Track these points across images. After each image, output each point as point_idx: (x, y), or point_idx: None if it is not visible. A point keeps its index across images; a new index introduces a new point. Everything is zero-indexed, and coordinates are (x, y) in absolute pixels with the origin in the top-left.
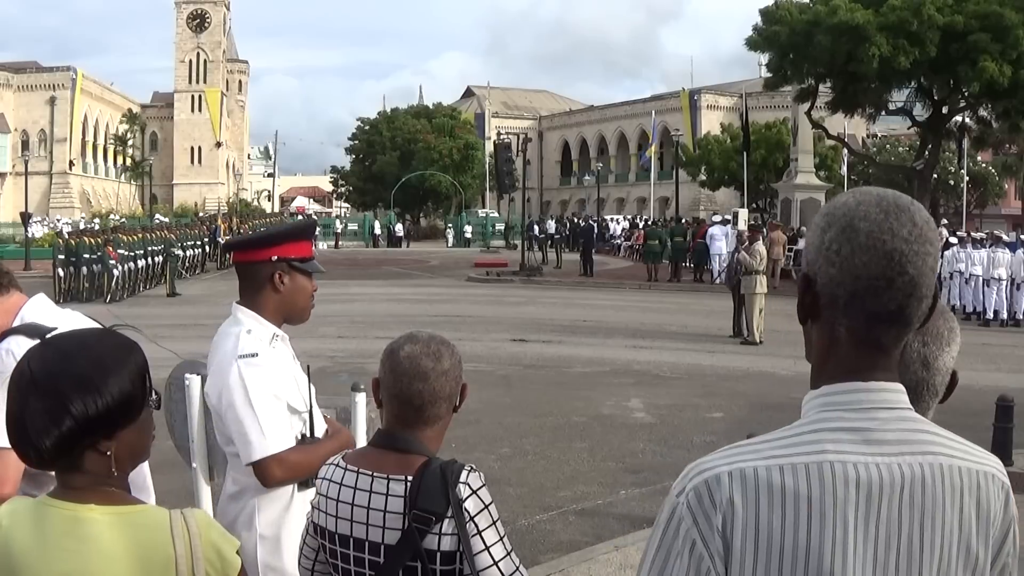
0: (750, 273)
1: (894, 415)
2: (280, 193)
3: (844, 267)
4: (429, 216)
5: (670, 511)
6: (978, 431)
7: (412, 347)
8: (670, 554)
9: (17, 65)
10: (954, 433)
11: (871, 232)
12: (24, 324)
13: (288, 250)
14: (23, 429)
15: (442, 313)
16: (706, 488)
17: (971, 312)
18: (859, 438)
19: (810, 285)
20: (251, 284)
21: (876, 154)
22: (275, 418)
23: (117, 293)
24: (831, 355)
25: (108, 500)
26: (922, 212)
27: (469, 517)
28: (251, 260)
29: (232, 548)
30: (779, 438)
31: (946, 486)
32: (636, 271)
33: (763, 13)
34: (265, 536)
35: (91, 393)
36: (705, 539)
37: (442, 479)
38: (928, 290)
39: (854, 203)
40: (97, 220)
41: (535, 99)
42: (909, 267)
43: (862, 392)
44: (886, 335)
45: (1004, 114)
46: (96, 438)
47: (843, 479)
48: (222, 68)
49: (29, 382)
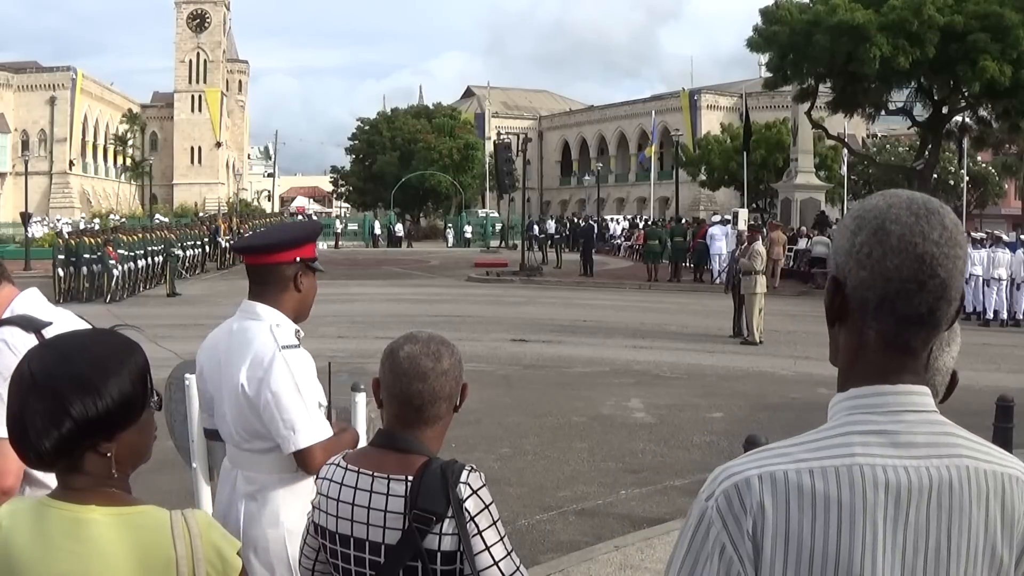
0: (749, 273)
1: (921, 418)
2: (280, 193)
3: (875, 270)
4: (429, 216)
5: (699, 515)
6: (978, 431)
7: (412, 347)
8: (699, 558)
9: (17, 65)
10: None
11: (903, 235)
12: (16, 315)
13: (307, 251)
14: (23, 430)
15: (442, 313)
16: (736, 492)
17: (971, 312)
18: (887, 441)
19: (839, 288)
20: (273, 284)
21: (876, 154)
22: (318, 407)
23: (117, 293)
24: (859, 358)
25: (109, 501)
26: (951, 215)
27: (470, 517)
28: (276, 261)
29: (233, 549)
30: (808, 441)
31: (973, 489)
32: (636, 271)
33: (763, 13)
34: (292, 531)
35: (91, 394)
36: (735, 543)
37: (442, 479)
38: (957, 292)
39: (885, 206)
40: (97, 220)
41: (535, 99)
42: (940, 270)
43: (890, 395)
44: (915, 338)
45: (1004, 114)
46: (96, 439)
47: (872, 482)
48: (222, 68)
49: (29, 383)
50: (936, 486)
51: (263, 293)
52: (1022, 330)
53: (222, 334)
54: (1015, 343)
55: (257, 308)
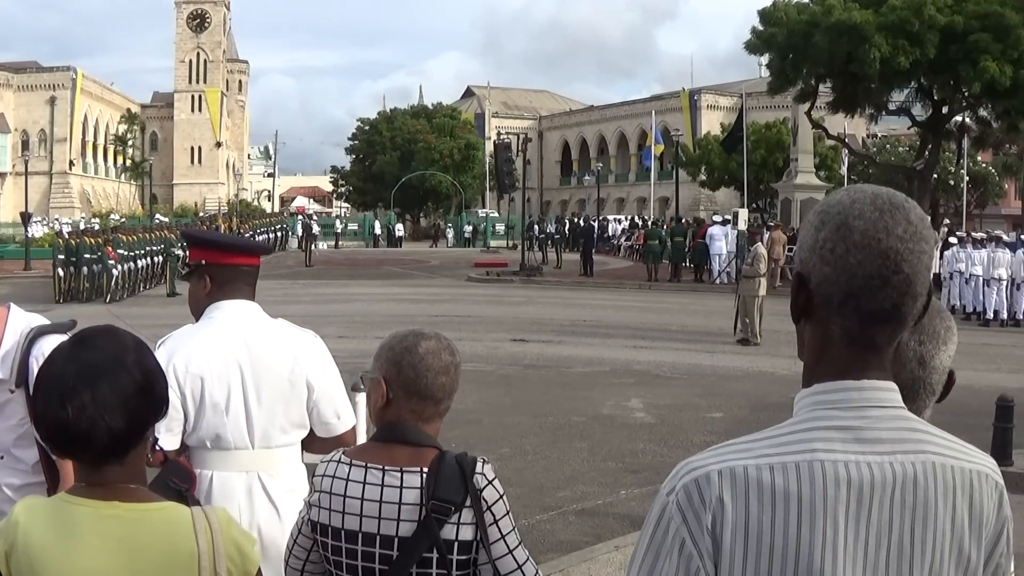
0: (751, 277)
1: (886, 413)
2: (280, 193)
3: (838, 266)
4: (429, 216)
5: (660, 510)
6: (978, 431)
7: (428, 343)
8: (660, 553)
9: (17, 65)
10: (953, 433)
11: (866, 231)
12: (47, 324)
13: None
14: (74, 427)
15: (442, 313)
16: (696, 487)
17: (971, 312)
18: (850, 437)
19: (804, 284)
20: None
21: (876, 154)
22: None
23: (117, 293)
24: (824, 354)
25: (131, 498)
26: (917, 210)
27: (487, 506)
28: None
29: (252, 545)
30: (770, 436)
31: (938, 486)
32: (636, 271)
33: (761, 15)
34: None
35: (157, 378)
36: (695, 538)
37: (459, 469)
38: (923, 288)
39: (848, 201)
40: (97, 220)
41: (535, 99)
42: (904, 265)
43: (854, 391)
44: (880, 334)
45: (1004, 114)
46: (146, 430)
47: (833, 478)
48: (222, 68)
49: (88, 374)
50: (900, 482)
51: (248, 293)
52: (1022, 330)
53: (231, 338)
54: (1015, 343)
55: (254, 306)
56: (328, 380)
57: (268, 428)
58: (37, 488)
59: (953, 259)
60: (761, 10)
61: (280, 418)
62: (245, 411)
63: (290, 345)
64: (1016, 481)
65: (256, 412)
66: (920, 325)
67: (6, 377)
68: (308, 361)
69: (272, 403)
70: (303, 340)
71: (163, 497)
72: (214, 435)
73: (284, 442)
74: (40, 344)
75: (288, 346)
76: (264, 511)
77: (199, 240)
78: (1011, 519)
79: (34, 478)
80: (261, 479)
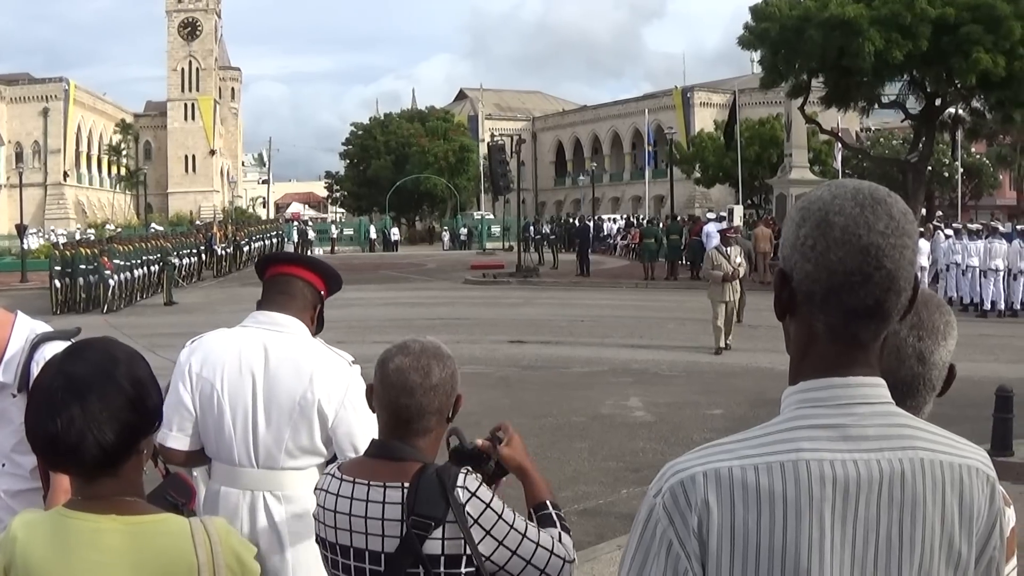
0: (726, 280)
1: (873, 410)
2: (275, 199)
3: (819, 263)
4: (425, 219)
5: (647, 512)
6: (978, 422)
7: (402, 360)
8: (648, 555)
9: (9, 77)
10: (953, 424)
11: (846, 227)
12: (51, 331)
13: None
14: (61, 439)
15: (439, 316)
16: (681, 489)
17: (968, 303)
18: (836, 435)
19: (786, 280)
20: (302, 301)
21: (870, 148)
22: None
23: (114, 303)
24: (809, 350)
25: (128, 510)
26: (899, 204)
27: (473, 520)
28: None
29: (251, 554)
30: (755, 436)
31: (927, 481)
32: (632, 270)
33: (753, 11)
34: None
35: (139, 396)
36: (682, 540)
37: (439, 484)
38: (907, 283)
39: (829, 197)
40: (92, 230)
41: (528, 100)
42: (886, 261)
43: (839, 388)
44: (864, 330)
45: (998, 105)
46: (139, 441)
47: (819, 477)
48: (214, 76)
49: (67, 390)
50: (887, 479)
51: (289, 306)
52: (1019, 320)
53: (253, 348)
54: (1013, 333)
55: (284, 319)
56: (348, 410)
57: (273, 449)
58: (35, 494)
59: (950, 250)
60: (753, 6)
61: (287, 441)
62: (252, 427)
63: (309, 367)
64: (1017, 471)
65: (263, 430)
66: (919, 320)
67: (9, 382)
68: (325, 386)
69: (280, 424)
70: (327, 364)
71: (160, 510)
72: (216, 444)
73: (292, 466)
74: (42, 350)
75: (306, 368)
76: (265, 533)
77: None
78: (1004, 512)
79: (32, 484)
80: (266, 500)
